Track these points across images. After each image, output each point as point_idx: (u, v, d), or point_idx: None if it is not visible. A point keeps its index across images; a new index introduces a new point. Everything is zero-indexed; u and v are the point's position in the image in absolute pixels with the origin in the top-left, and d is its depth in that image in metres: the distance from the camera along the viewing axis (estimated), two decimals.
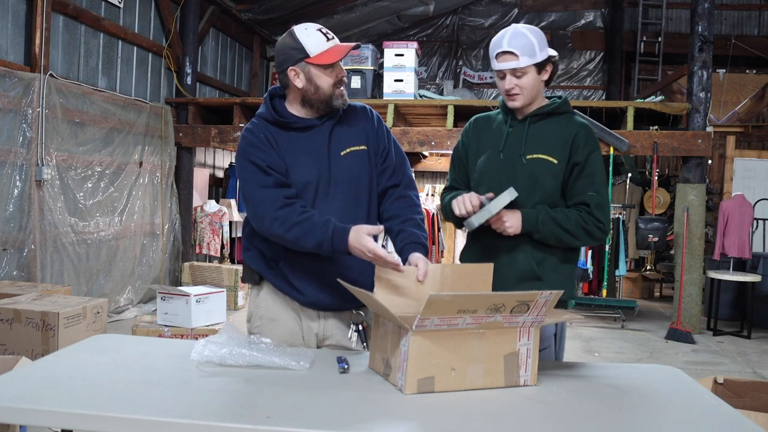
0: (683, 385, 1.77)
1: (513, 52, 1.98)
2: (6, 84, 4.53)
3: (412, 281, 1.82)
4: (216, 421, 1.36)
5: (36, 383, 1.54)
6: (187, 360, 1.73)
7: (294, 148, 1.97)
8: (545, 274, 2.04)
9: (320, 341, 2.07)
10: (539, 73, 2.03)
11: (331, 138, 1.99)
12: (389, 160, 2.06)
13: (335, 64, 1.94)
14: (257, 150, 1.94)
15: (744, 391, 2.70)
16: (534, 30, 2.03)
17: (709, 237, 7.77)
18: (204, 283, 6.22)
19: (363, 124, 2.06)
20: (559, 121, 2.09)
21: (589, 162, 2.03)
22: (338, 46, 1.94)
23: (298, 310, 2.04)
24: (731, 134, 9.11)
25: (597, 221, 2.00)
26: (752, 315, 6.17)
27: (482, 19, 10.26)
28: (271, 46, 9.65)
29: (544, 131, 2.08)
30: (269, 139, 1.96)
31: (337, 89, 1.96)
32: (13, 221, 4.64)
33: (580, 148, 2.03)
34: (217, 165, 8.33)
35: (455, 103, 6.42)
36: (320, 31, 1.94)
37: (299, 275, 1.98)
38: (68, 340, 3.34)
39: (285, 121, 1.98)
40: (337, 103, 1.97)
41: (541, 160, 2.04)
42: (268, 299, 2.06)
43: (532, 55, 1.99)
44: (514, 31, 2.00)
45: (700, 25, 6.05)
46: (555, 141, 2.05)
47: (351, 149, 2.00)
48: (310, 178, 1.95)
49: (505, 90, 2.05)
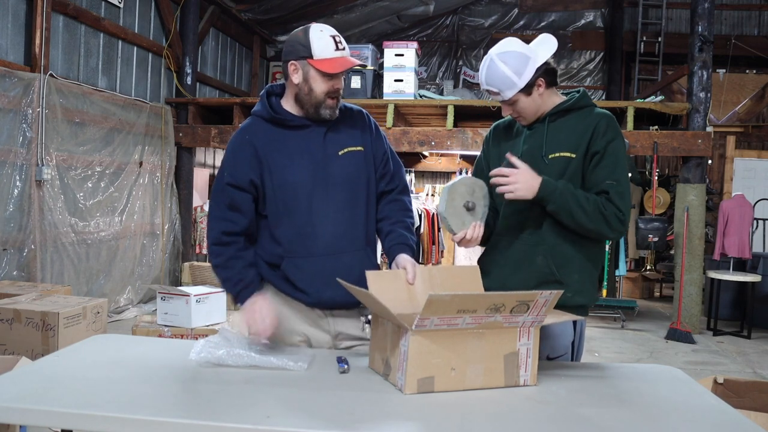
0: (683, 385, 1.77)
1: (492, 90, 1.96)
2: (6, 84, 4.53)
3: (403, 283, 1.85)
4: (216, 421, 1.36)
5: (36, 383, 1.53)
6: (187, 360, 1.72)
7: (288, 147, 1.96)
8: (566, 278, 1.96)
9: (334, 338, 2.03)
10: (530, 95, 1.96)
11: (326, 138, 1.98)
12: (388, 166, 2.08)
13: (334, 75, 1.91)
14: (230, 165, 1.97)
15: (744, 391, 2.70)
16: (509, 55, 1.92)
17: (709, 237, 7.77)
18: (204, 283, 6.21)
19: (360, 127, 2.05)
20: (580, 115, 2.00)
21: (609, 151, 1.93)
22: (344, 59, 1.92)
23: (304, 314, 2.01)
24: (731, 134, 9.11)
25: (616, 209, 1.89)
26: (752, 315, 6.17)
27: (482, 19, 10.25)
28: (271, 46, 9.64)
29: (565, 127, 1.99)
30: (259, 142, 1.95)
31: (329, 99, 1.93)
32: (13, 221, 4.64)
33: (599, 137, 1.93)
34: (217, 165, 8.32)
35: (455, 103, 6.42)
36: (334, 38, 1.91)
37: (301, 275, 1.96)
38: (68, 340, 3.34)
39: (280, 119, 1.97)
40: (324, 113, 1.94)
41: (562, 158, 1.96)
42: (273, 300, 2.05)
43: (512, 87, 1.92)
44: (488, 66, 1.94)
45: (700, 25, 6.05)
46: (574, 135, 1.97)
47: (348, 149, 1.99)
48: (305, 178, 1.93)
49: (503, 115, 2.06)
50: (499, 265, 2.04)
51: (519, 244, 2.01)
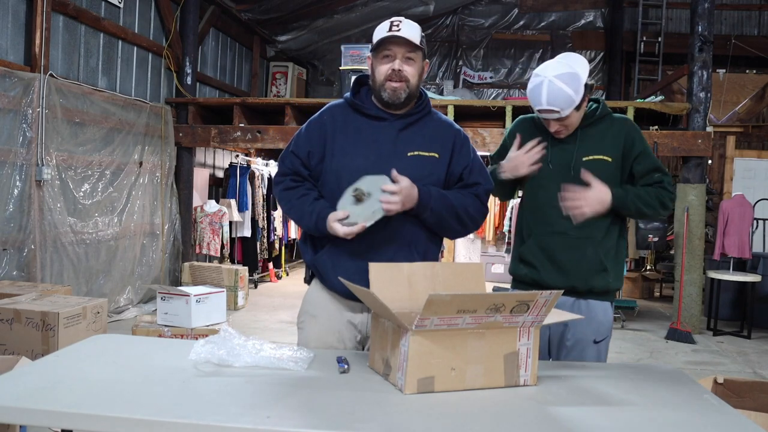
0: (683, 385, 1.77)
1: (553, 109, 2.04)
2: (6, 84, 4.53)
3: (405, 277, 1.84)
4: (216, 421, 1.36)
5: (36, 383, 1.53)
6: (187, 360, 1.72)
7: (357, 134, 1.97)
8: (610, 266, 2.18)
9: (364, 338, 2.02)
10: (579, 109, 2.13)
11: (399, 135, 1.98)
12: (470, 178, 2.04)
13: (389, 55, 1.92)
14: (298, 136, 2.05)
15: (744, 391, 2.70)
16: (567, 76, 2.04)
17: (709, 237, 7.77)
18: (204, 283, 6.21)
19: (442, 136, 2.02)
20: (604, 122, 2.22)
21: (646, 149, 2.20)
22: (394, 36, 1.90)
23: (341, 306, 2.01)
24: (731, 134, 9.11)
25: (670, 193, 2.18)
26: (752, 315, 6.17)
27: (482, 19, 10.26)
28: (271, 46, 9.64)
29: (595, 133, 2.19)
30: (331, 122, 2.00)
31: (389, 82, 1.92)
32: (13, 221, 4.64)
33: (636, 141, 2.19)
34: (217, 165, 8.33)
35: (455, 103, 6.42)
36: (392, 22, 1.93)
37: (337, 262, 1.95)
38: (68, 340, 3.34)
39: (358, 105, 2.00)
40: (384, 95, 1.94)
41: (598, 161, 2.16)
42: (314, 295, 2.06)
43: (571, 105, 2.06)
44: (548, 88, 2.02)
45: (700, 25, 6.05)
46: (607, 141, 2.18)
47: (419, 153, 1.97)
48: (363, 166, 1.91)
49: (550, 130, 2.16)
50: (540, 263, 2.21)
51: (562, 239, 2.18)
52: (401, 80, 1.92)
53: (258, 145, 6.67)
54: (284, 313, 6.33)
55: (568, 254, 2.16)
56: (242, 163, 7.84)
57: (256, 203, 7.94)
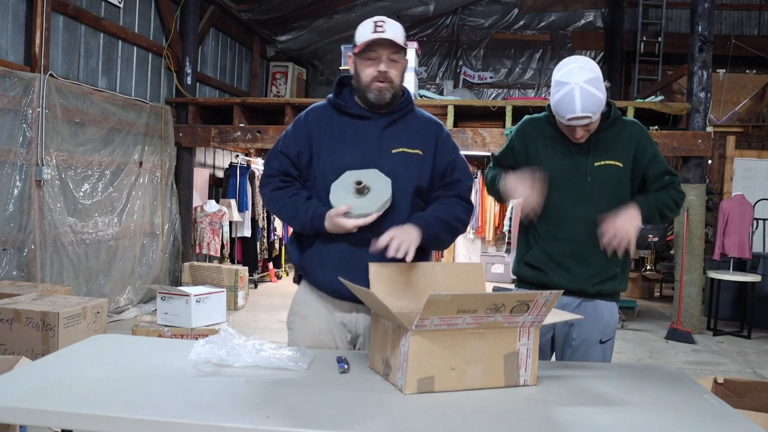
0: (683, 385, 1.77)
1: (587, 116, 2.01)
2: (6, 84, 4.53)
3: (405, 277, 1.84)
4: (216, 421, 1.36)
5: (36, 383, 1.53)
6: (187, 360, 1.72)
7: (342, 133, 1.98)
8: (619, 271, 2.20)
9: (354, 338, 2.03)
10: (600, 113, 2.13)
11: (383, 133, 1.98)
12: (453, 176, 2.04)
13: (375, 57, 1.92)
14: (285, 137, 2.06)
15: (744, 391, 2.70)
16: (595, 81, 2.00)
17: (709, 237, 7.77)
18: (204, 283, 6.21)
19: (425, 133, 2.03)
20: (616, 126, 2.21)
21: (657, 153, 2.22)
22: (380, 38, 1.90)
23: (330, 305, 2.01)
24: (731, 134, 9.11)
25: (682, 194, 2.23)
26: (752, 315, 6.17)
27: (482, 19, 10.25)
28: (271, 46, 9.64)
29: (609, 137, 2.19)
30: (316, 123, 2.01)
31: (375, 84, 1.93)
32: (13, 221, 4.64)
33: (647, 147, 2.20)
34: (217, 165, 8.32)
35: (455, 103, 6.42)
36: (375, 22, 1.92)
37: (325, 261, 1.95)
38: (68, 340, 3.34)
39: (341, 105, 2.01)
40: (370, 96, 1.95)
41: (609, 166, 2.17)
42: (304, 296, 2.06)
43: (601, 108, 2.05)
44: (582, 94, 1.97)
45: (700, 25, 6.05)
46: (619, 146, 2.18)
47: (403, 150, 1.98)
48: (350, 166, 1.93)
49: (575, 137, 2.12)
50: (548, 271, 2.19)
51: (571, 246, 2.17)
52: (386, 81, 1.94)
53: (258, 145, 6.67)
54: (284, 313, 6.28)
55: (577, 261, 2.15)
56: (242, 163, 7.84)
57: (256, 203, 7.94)
